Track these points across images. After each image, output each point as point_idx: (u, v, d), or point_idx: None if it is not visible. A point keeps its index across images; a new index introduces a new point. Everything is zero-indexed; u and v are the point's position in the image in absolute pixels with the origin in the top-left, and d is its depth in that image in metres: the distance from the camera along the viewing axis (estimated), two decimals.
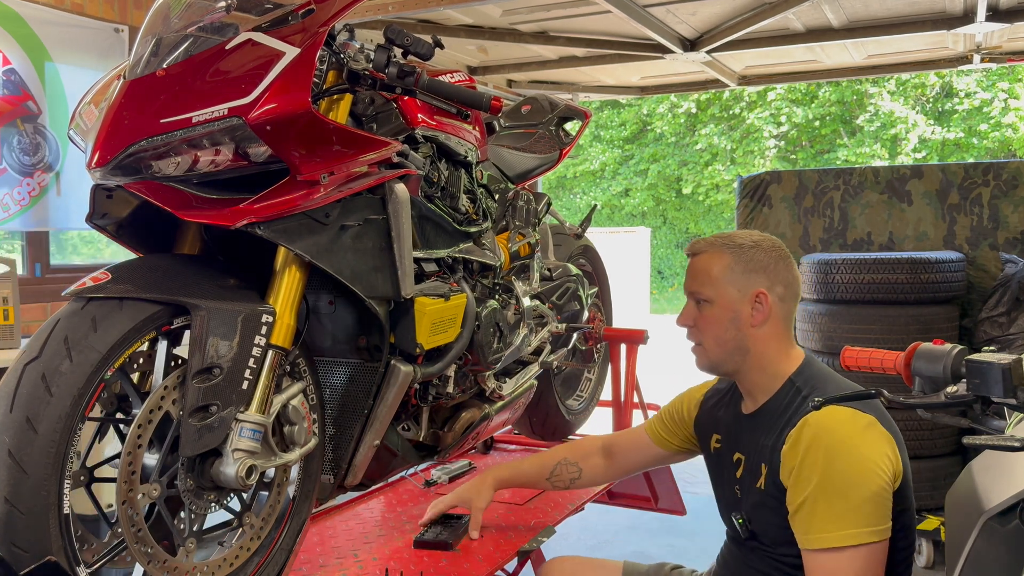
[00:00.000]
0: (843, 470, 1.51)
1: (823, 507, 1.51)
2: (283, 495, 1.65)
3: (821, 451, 1.53)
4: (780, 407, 1.68)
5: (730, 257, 1.71)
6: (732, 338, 1.70)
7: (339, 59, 1.63)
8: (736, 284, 1.69)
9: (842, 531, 1.50)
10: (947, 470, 3.85)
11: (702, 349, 1.76)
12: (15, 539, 1.25)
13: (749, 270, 1.70)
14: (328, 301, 1.83)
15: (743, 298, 1.69)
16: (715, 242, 1.74)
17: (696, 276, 1.74)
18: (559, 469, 2.11)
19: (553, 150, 2.89)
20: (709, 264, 1.72)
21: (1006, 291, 3.92)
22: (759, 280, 1.69)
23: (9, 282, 3.00)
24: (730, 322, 1.70)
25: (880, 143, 16.94)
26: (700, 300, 1.73)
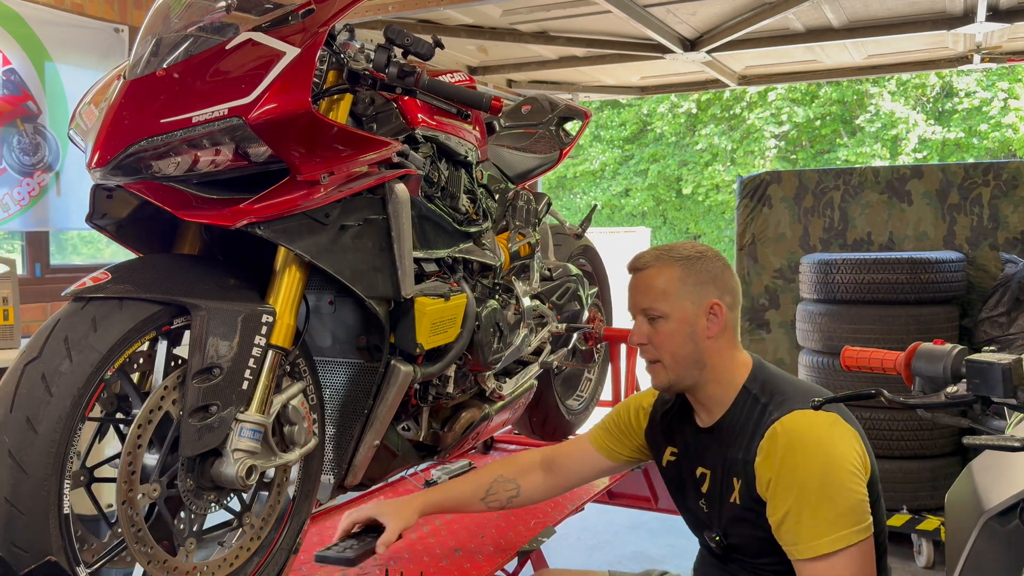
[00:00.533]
0: (820, 475, 1.51)
1: (808, 515, 1.51)
2: (283, 495, 1.65)
3: (796, 458, 1.53)
4: (741, 418, 1.66)
5: (680, 270, 1.67)
6: (690, 352, 1.67)
7: (339, 59, 1.63)
8: (690, 297, 1.66)
9: (831, 535, 1.50)
10: (947, 470, 3.85)
11: (660, 367, 1.71)
12: (15, 539, 1.25)
13: (700, 282, 1.67)
14: (328, 301, 1.83)
15: (698, 310, 1.66)
16: (661, 256, 1.70)
17: (647, 292, 1.69)
18: (495, 487, 1.97)
19: (553, 150, 2.89)
20: (659, 278, 1.68)
21: (1006, 291, 3.92)
22: (711, 291, 1.67)
23: (9, 282, 3.00)
24: (687, 336, 1.66)
25: (881, 143, 16.94)
26: (654, 317, 1.69)
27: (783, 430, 1.55)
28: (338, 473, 1.80)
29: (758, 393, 1.66)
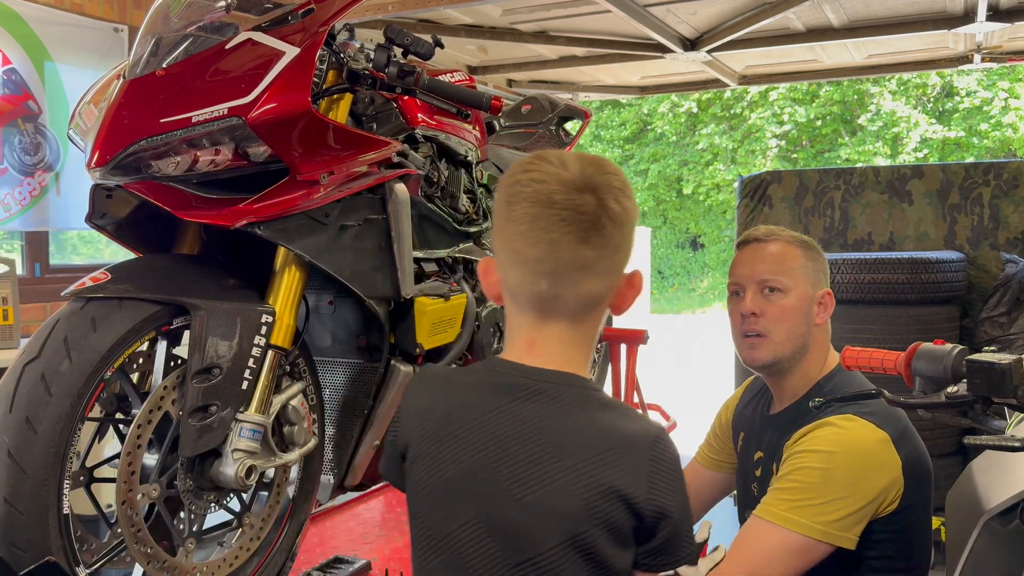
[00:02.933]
0: (828, 469, 1.50)
1: (788, 485, 1.50)
2: (283, 495, 1.65)
3: (820, 447, 1.52)
4: (802, 410, 1.65)
5: (802, 252, 1.68)
6: (801, 333, 1.65)
7: (339, 59, 1.63)
8: (810, 279, 1.66)
9: (791, 514, 1.48)
10: (948, 470, 3.84)
11: (768, 341, 1.65)
12: (15, 539, 1.25)
13: (817, 269, 1.69)
14: (328, 301, 1.83)
15: (815, 294, 1.67)
16: (783, 235, 1.69)
17: (772, 263, 1.65)
18: None
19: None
20: (785, 255, 1.66)
21: (1007, 291, 3.91)
22: (824, 280, 1.69)
23: (8, 282, 3.00)
24: (803, 316, 1.65)
25: (882, 141, 16.94)
26: (772, 288, 1.65)
27: (824, 425, 1.54)
28: (338, 473, 1.80)
29: (828, 390, 1.65)
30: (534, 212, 1.03)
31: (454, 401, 1.08)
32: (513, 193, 1.05)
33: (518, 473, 1.01)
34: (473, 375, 1.12)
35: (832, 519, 1.47)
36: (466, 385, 1.10)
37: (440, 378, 1.14)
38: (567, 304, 1.05)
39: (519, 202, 1.04)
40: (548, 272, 1.03)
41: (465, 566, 1.02)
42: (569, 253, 1.02)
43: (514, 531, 1.01)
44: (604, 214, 1.03)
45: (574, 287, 1.04)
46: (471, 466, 1.03)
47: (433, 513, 1.05)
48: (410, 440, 1.09)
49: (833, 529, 1.48)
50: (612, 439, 1.02)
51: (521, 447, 1.02)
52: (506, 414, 1.04)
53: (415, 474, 1.08)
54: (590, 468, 1.00)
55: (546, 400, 1.04)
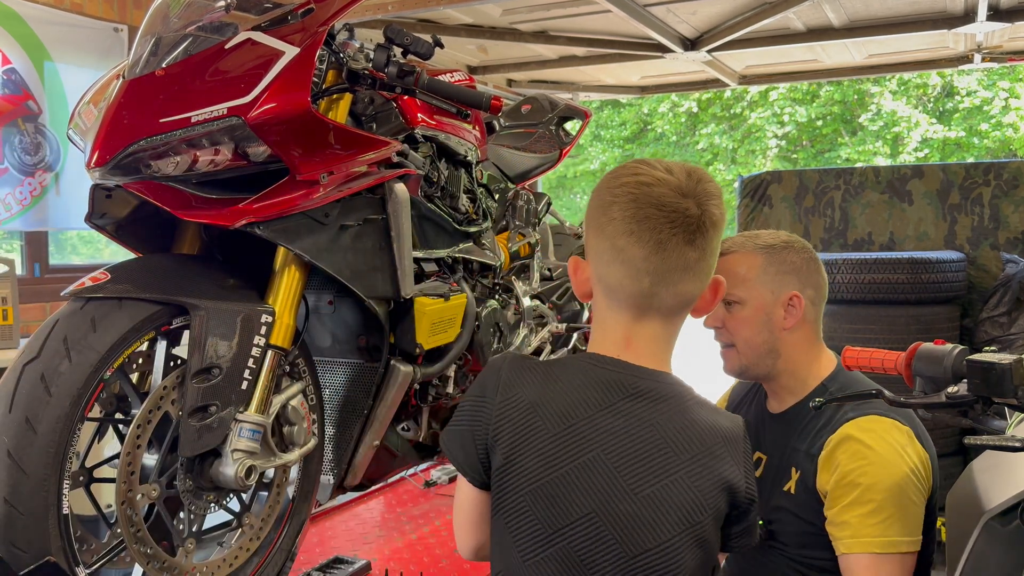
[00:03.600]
0: (887, 480, 1.50)
1: (867, 512, 1.50)
2: (282, 495, 1.65)
3: (866, 460, 1.51)
4: (811, 412, 1.63)
5: (763, 258, 1.65)
6: (764, 340, 1.64)
7: (339, 58, 1.63)
8: (769, 286, 1.64)
9: (885, 538, 1.49)
10: (948, 470, 3.83)
11: (733, 352, 1.68)
12: (15, 539, 1.25)
13: (782, 272, 1.65)
14: (328, 301, 1.82)
15: (776, 300, 1.64)
16: (745, 243, 1.67)
17: (727, 277, 1.63)
18: None
19: (553, 150, 2.89)
20: (740, 265, 1.65)
21: (1007, 291, 3.91)
22: (791, 282, 1.65)
23: (8, 282, 3.00)
24: (763, 324, 1.64)
25: (883, 141, 16.94)
26: (730, 301, 1.65)
27: (858, 431, 1.53)
28: (338, 473, 1.80)
29: (835, 391, 1.63)
30: (643, 213, 1.10)
31: (566, 398, 1.12)
32: (620, 193, 1.12)
33: (636, 468, 1.09)
34: (575, 371, 1.15)
35: (916, 524, 1.51)
36: (572, 382, 1.14)
37: (539, 373, 1.16)
38: (664, 303, 1.13)
39: (626, 201, 1.11)
40: (652, 270, 1.10)
41: (581, 558, 1.08)
42: (676, 253, 1.10)
43: (634, 523, 1.07)
44: (707, 219, 1.12)
45: (674, 286, 1.12)
46: (589, 461, 1.09)
47: (546, 507, 1.10)
48: (507, 433, 1.12)
49: (916, 536, 1.51)
50: (718, 435, 1.12)
51: (638, 444, 1.09)
52: (620, 412, 1.11)
53: (519, 468, 1.11)
54: (704, 462, 1.10)
55: (654, 399, 1.12)
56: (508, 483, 1.12)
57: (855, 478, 1.50)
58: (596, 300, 1.19)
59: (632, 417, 1.11)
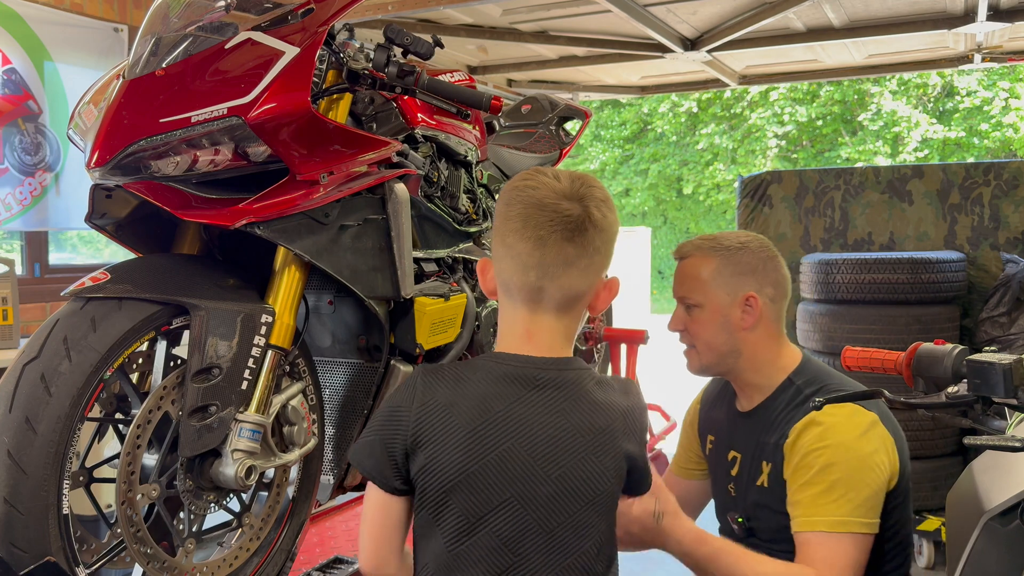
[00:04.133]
0: (845, 463, 1.54)
1: (823, 492, 1.54)
2: (283, 496, 1.65)
3: (824, 446, 1.55)
4: (780, 405, 1.68)
5: (718, 260, 1.67)
6: (724, 341, 1.68)
7: (339, 58, 1.63)
8: (725, 288, 1.66)
9: (838, 517, 1.52)
10: (948, 470, 3.84)
11: (695, 352, 1.73)
12: (14, 539, 1.25)
13: (738, 273, 1.67)
14: (328, 301, 1.83)
15: (733, 302, 1.66)
16: (702, 245, 1.71)
17: (684, 281, 1.71)
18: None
19: (553, 149, 2.89)
20: (697, 268, 1.69)
21: (1007, 291, 3.91)
22: (748, 283, 1.67)
23: (8, 282, 3.00)
24: (720, 326, 1.67)
25: (883, 141, 16.94)
26: (689, 305, 1.70)
27: (821, 416, 1.57)
28: (338, 473, 1.80)
29: (802, 384, 1.67)
30: (527, 213, 1.21)
31: (477, 394, 1.20)
32: (512, 198, 1.24)
33: (547, 453, 1.19)
34: (481, 370, 1.24)
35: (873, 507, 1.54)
36: (482, 380, 1.22)
37: (450, 377, 1.24)
38: (552, 296, 1.22)
39: (515, 204, 1.23)
40: (536, 264, 1.20)
41: (504, 541, 1.17)
42: (555, 249, 1.20)
43: (550, 503, 1.18)
44: (588, 219, 1.21)
45: (557, 280, 1.21)
46: (505, 452, 1.18)
47: (468, 497, 1.18)
48: (427, 435, 1.19)
49: (873, 519, 1.55)
50: (616, 412, 1.23)
51: (547, 430, 1.19)
52: (528, 403, 1.20)
53: (441, 464, 1.18)
54: (604, 440, 1.21)
55: (556, 387, 1.22)
56: (431, 481, 1.18)
57: (812, 460, 1.55)
58: (500, 299, 1.29)
59: (539, 406, 1.20)
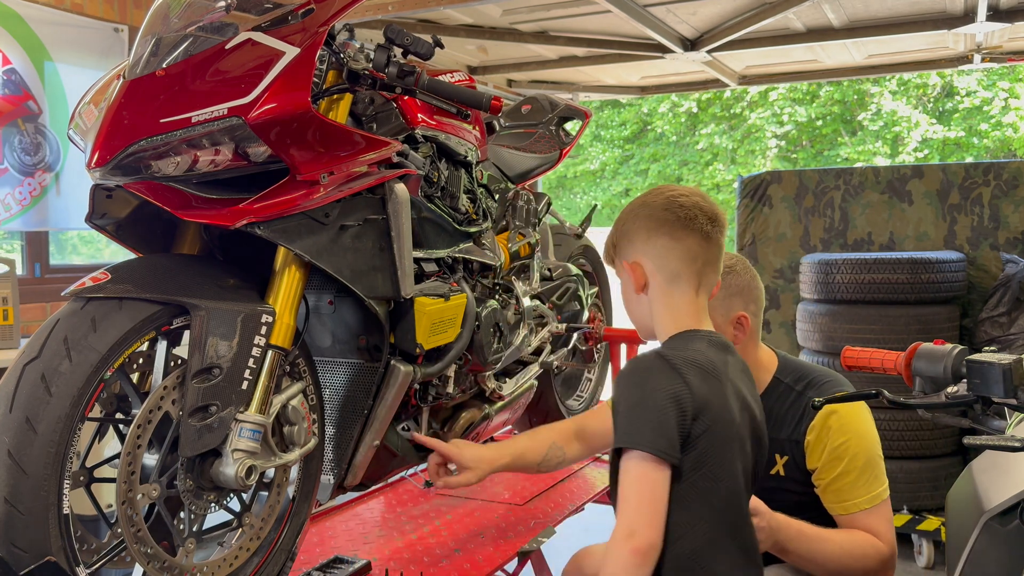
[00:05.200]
0: (867, 448, 1.80)
1: (857, 478, 1.79)
2: (283, 495, 1.65)
3: (848, 433, 1.79)
4: (780, 405, 1.86)
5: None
6: None
7: (339, 59, 1.63)
8: (720, 309, 1.83)
9: (874, 493, 1.79)
10: (947, 470, 3.84)
11: None
12: (15, 539, 1.25)
13: (730, 294, 1.84)
14: (328, 301, 1.83)
15: (726, 321, 1.84)
16: None
17: None
18: (550, 454, 2.10)
19: (553, 150, 2.89)
20: None
21: (1007, 291, 3.91)
22: (738, 303, 1.85)
23: (9, 282, 3.00)
24: None
25: (882, 141, 16.93)
26: None
27: (838, 411, 1.80)
28: (338, 473, 1.80)
29: (791, 382, 1.88)
30: (691, 214, 1.53)
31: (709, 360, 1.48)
32: (667, 203, 1.55)
33: (756, 399, 1.57)
34: (710, 349, 1.50)
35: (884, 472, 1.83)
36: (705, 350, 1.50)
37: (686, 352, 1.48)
38: (711, 281, 1.56)
39: (674, 208, 1.54)
40: (702, 254, 1.53)
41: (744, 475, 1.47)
42: (716, 241, 1.55)
43: (758, 443, 1.54)
44: (722, 220, 1.56)
45: (715, 265, 1.56)
46: (742, 403, 1.51)
47: (732, 445, 1.45)
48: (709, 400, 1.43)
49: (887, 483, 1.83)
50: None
51: (749, 384, 1.56)
52: (730, 363, 1.52)
53: (721, 423, 1.43)
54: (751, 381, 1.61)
55: (733, 350, 1.58)
56: (714, 439, 1.42)
57: (839, 453, 1.79)
58: (660, 289, 1.55)
59: (738, 363, 1.54)
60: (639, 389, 1.43)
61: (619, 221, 1.62)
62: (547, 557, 2.48)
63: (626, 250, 1.60)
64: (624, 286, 1.63)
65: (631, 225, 1.59)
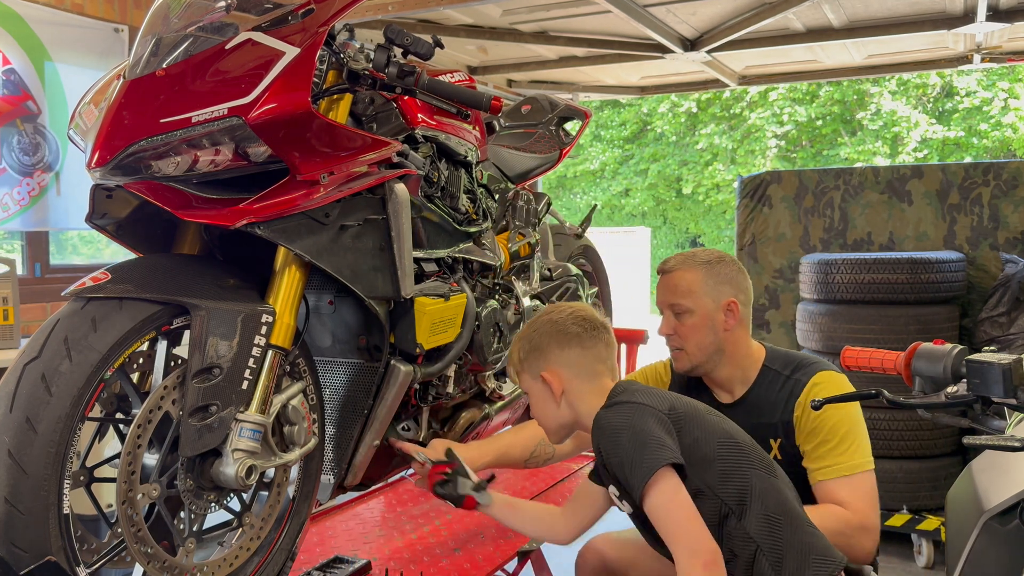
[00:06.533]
0: (853, 418, 1.84)
1: (842, 444, 1.82)
2: (283, 495, 1.65)
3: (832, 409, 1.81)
4: (769, 391, 1.93)
5: (702, 272, 1.94)
6: (711, 342, 1.92)
7: (339, 59, 1.63)
8: (711, 295, 1.93)
9: (859, 459, 1.82)
10: (947, 470, 3.84)
11: (684, 353, 1.96)
12: (15, 539, 1.25)
13: (720, 282, 1.94)
14: (328, 301, 1.83)
15: (717, 307, 1.93)
16: (686, 260, 1.97)
17: (675, 291, 1.95)
18: (538, 450, 2.15)
19: (553, 150, 2.89)
20: (685, 279, 1.94)
21: (1006, 291, 3.91)
22: (727, 290, 1.94)
23: (9, 282, 3.00)
24: (709, 329, 1.92)
25: (882, 141, 16.93)
26: (680, 312, 1.94)
27: (821, 382, 1.86)
28: (338, 473, 1.80)
29: (779, 369, 1.94)
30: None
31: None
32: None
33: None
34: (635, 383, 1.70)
35: (869, 447, 1.86)
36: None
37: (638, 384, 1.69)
38: (614, 369, 1.72)
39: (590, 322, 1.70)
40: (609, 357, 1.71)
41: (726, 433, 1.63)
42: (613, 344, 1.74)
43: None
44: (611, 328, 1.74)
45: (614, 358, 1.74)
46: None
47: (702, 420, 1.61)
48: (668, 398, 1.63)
49: (871, 455, 1.85)
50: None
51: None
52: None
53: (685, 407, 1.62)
54: None
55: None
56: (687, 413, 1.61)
57: (820, 423, 1.83)
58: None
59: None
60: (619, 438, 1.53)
61: (523, 340, 1.73)
62: (547, 557, 2.48)
63: (536, 364, 1.70)
64: (538, 397, 1.72)
65: (541, 341, 1.70)
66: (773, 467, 1.63)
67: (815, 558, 1.53)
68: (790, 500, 1.59)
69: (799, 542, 1.53)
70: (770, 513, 1.54)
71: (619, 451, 1.51)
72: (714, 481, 1.53)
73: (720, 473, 1.54)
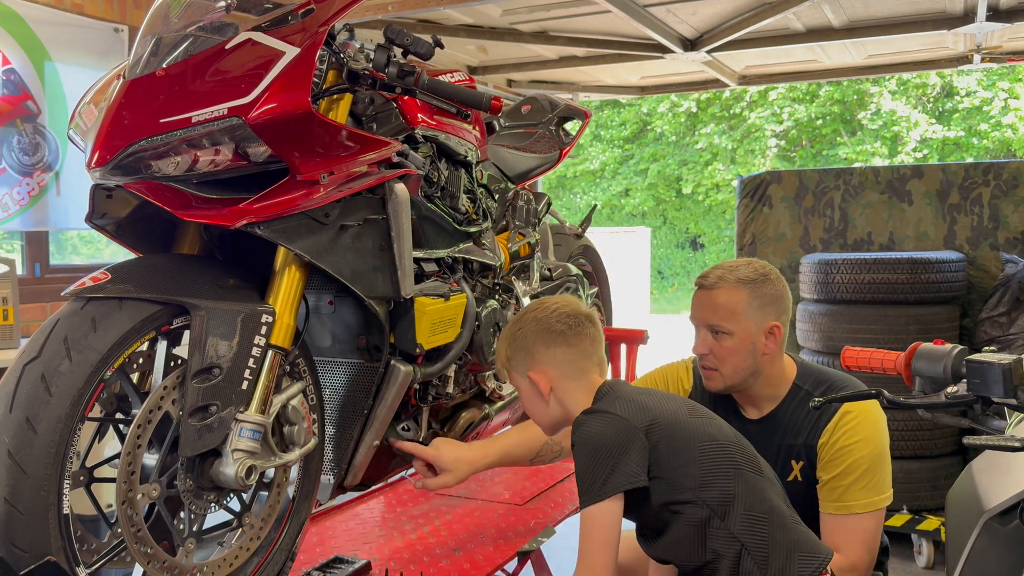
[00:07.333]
0: (875, 452, 1.77)
1: (857, 481, 1.76)
2: (283, 495, 1.65)
3: (860, 433, 1.77)
4: (799, 412, 1.84)
5: (747, 293, 1.82)
6: (748, 366, 1.83)
7: (339, 59, 1.63)
8: (754, 319, 1.81)
9: (869, 499, 1.76)
10: (947, 470, 3.84)
11: (718, 374, 1.86)
12: (15, 539, 1.25)
13: (763, 304, 1.82)
14: (328, 301, 1.83)
15: (759, 331, 1.81)
16: (726, 276, 1.84)
17: (715, 310, 1.83)
18: (544, 449, 2.12)
19: (553, 150, 2.89)
20: (728, 300, 1.82)
21: (1006, 291, 3.91)
22: (771, 313, 1.83)
23: (9, 282, 3.00)
24: (748, 352, 1.82)
25: (881, 141, 16.93)
26: (718, 332, 1.82)
27: (852, 411, 1.78)
28: (338, 473, 1.80)
29: (810, 388, 1.85)
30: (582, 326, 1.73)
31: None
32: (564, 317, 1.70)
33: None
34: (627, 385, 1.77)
35: (890, 480, 1.81)
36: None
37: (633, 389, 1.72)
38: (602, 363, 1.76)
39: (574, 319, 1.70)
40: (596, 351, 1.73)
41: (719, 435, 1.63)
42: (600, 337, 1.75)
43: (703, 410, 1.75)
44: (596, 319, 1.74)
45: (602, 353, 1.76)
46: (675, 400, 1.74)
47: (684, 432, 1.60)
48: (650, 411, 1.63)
49: (889, 491, 1.80)
50: None
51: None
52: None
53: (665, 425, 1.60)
54: None
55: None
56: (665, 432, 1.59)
57: (843, 454, 1.77)
58: (566, 389, 1.68)
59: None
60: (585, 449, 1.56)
61: (509, 339, 1.73)
62: (547, 557, 2.48)
63: (523, 364, 1.70)
64: (527, 394, 1.73)
65: (526, 341, 1.69)
66: (759, 464, 1.62)
67: (801, 555, 1.53)
68: (775, 498, 1.58)
69: (785, 539, 1.54)
70: (754, 512, 1.54)
71: (581, 461, 1.55)
72: (695, 484, 1.53)
73: (701, 476, 1.54)
